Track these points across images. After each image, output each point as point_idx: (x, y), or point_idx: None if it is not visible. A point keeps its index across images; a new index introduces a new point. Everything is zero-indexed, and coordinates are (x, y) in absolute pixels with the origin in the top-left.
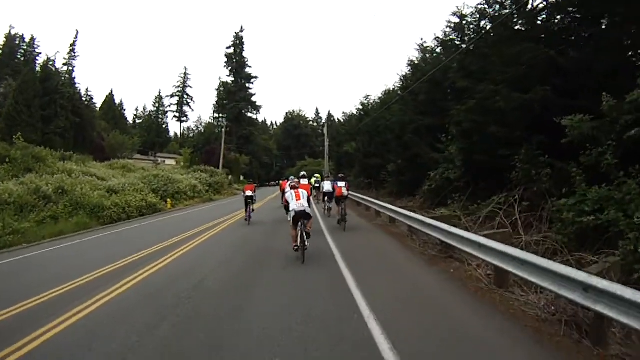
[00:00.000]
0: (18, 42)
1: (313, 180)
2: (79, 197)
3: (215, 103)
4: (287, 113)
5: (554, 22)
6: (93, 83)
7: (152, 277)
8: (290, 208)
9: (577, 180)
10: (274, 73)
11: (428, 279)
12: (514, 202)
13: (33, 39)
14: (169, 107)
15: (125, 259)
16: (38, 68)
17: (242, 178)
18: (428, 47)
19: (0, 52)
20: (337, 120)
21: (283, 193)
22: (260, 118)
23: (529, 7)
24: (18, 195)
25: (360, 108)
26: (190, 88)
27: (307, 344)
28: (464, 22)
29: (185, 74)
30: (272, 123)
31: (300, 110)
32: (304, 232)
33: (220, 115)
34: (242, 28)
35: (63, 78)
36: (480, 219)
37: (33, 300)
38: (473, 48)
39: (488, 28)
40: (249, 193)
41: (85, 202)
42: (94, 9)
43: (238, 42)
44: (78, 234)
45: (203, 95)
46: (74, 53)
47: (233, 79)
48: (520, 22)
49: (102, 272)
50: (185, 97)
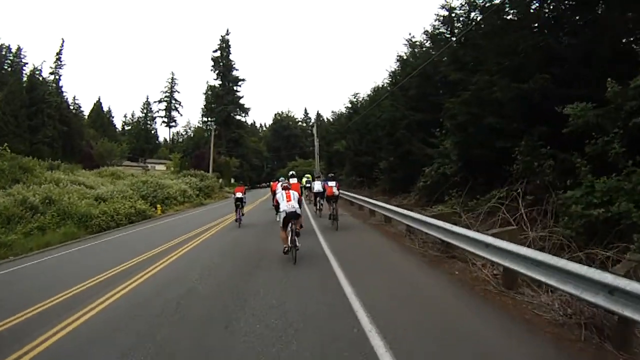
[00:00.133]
0: (4, 52)
1: (304, 181)
2: (67, 206)
3: (204, 107)
4: (275, 114)
5: (547, 10)
6: (80, 91)
7: (140, 286)
8: (281, 209)
9: (582, 171)
10: (262, 75)
11: (431, 282)
12: (517, 196)
13: (19, 49)
14: (157, 112)
15: (113, 269)
16: (25, 78)
17: (232, 181)
18: (417, 41)
19: None
20: (326, 120)
21: (274, 194)
22: (249, 120)
23: None
24: (5, 207)
25: (349, 106)
26: (178, 93)
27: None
28: (453, 14)
29: (173, 79)
30: (261, 125)
31: (289, 111)
32: (294, 234)
33: (209, 119)
34: (227, 31)
35: (50, 87)
36: (481, 215)
37: (20, 316)
38: (464, 40)
39: (479, 19)
40: (239, 195)
41: (73, 211)
42: (79, 17)
43: (224, 45)
44: (65, 245)
45: (191, 100)
46: (60, 62)
47: (220, 83)
48: (512, 11)
49: (87, 284)
50: (173, 102)
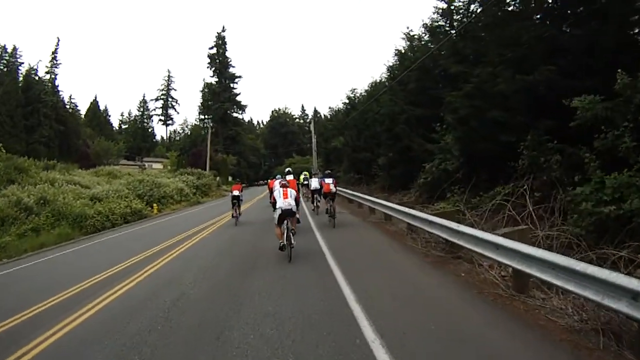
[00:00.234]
0: (0, 52)
1: (302, 178)
2: (61, 206)
3: (200, 105)
4: (272, 111)
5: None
6: (77, 90)
7: (130, 291)
8: (277, 206)
9: (591, 167)
10: (258, 72)
11: (436, 285)
12: (524, 192)
13: (15, 49)
14: (154, 110)
15: (104, 273)
16: (21, 78)
17: (230, 179)
18: (415, 35)
19: None
20: (323, 116)
21: (271, 192)
22: (246, 117)
23: None
24: None
25: (347, 102)
26: (175, 91)
27: None
28: (452, 7)
29: (169, 77)
30: (258, 122)
31: (286, 108)
32: (290, 232)
33: (206, 117)
34: (223, 28)
35: (46, 86)
36: (486, 213)
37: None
38: (464, 32)
39: (479, 10)
40: (236, 193)
41: (68, 211)
42: (75, 16)
43: (220, 42)
44: (60, 246)
45: (188, 98)
46: (56, 61)
47: (217, 80)
48: (513, 2)
49: (78, 289)
50: (170, 100)
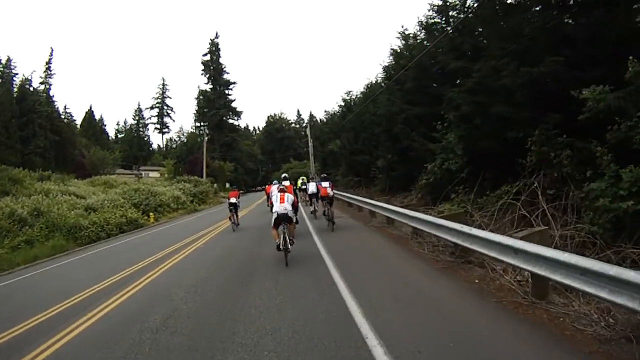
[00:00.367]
0: None
1: (299, 182)
2: (56, 218)
3: (196, 112)
4: (268, 117)
5: None
6: (72, 100)
7: (118, 308)
8: (273, 210)
9: (603, 161)
10: (253, 77)
11: (449, 294)
12: (536, 190)
13: (9, 60)
14: (150, 119)
15: (94, 287)
16: (16, 89)
17: (227, 185)
18: (410, 34)
19: None
20: (319, 120)
21: (268, 197)
22: (242, 124)
23: None
24: None
25: (343, 105)
26: (170, 99)
27: None
28: (448, 3)
29: (164, 85)
30: (254, 128)
31: (282, 113)
32: (287, 237)
33: (202, 124)
34: (217, 34)
35: (40, 97)
36: (496, 214)
37: None
38: (462, 27)
39: (475, 5)
40: (233, 200)
41: (62, 222)
42: (68, 26)
43: (214, 48)
44: (54, 258)
45: (183, 106)
46: (50, 71)
47: (211, 87)
48: None
49: (64, 305)
50: (165, 108)
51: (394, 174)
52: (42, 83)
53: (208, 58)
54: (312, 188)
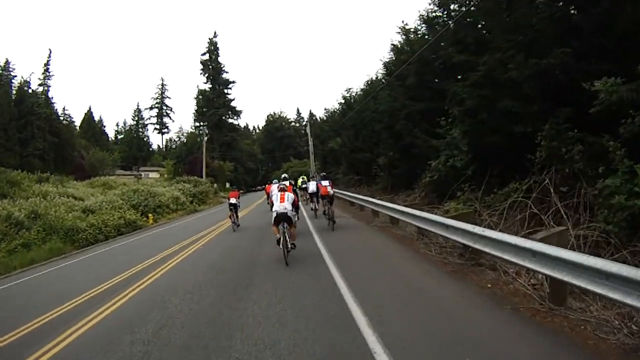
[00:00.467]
0: None
1: (300, 182)
2: (53, 220)
3: (195, 111)
4: (268, 116)
5: None
6: (71, 102)
7: (111, 316)
8: (273, 209)
9: (616, 156)
10: (252, 76)
11: (461, 300)
12: (548, 186)
13: (8, 62)
14: (149, 119)
15: (87, 293)
16: (14, 91)
17: (227, 185)
18: (411, 28)
19: None
20: (319, 119)
21: (269, 196)
22: (242, 123)
23: None
24: None
25: (342, 102)
26: (169, 99)
27: None
28: None
29: (163, 85)
30: (254, 127)
31: (281, 112)
32: (288, 240)
33: (201, 124)
34: (215, 33)
35: (39, 99)
36: (505, 212)
37: None
38: (465, 19)
39: None
40: (233, 200)
41: (59, 225)
42: (66, 27)
43: (212, 48)
44: (50, 262)
45: (183, 105)
46: (49, 73)
47: (211, 86)
48: None
49: (54, 314)
50: (165, 108)
51: (396, 172)
52: (40, 85)
53: (207, 57)
54: (312, 187)
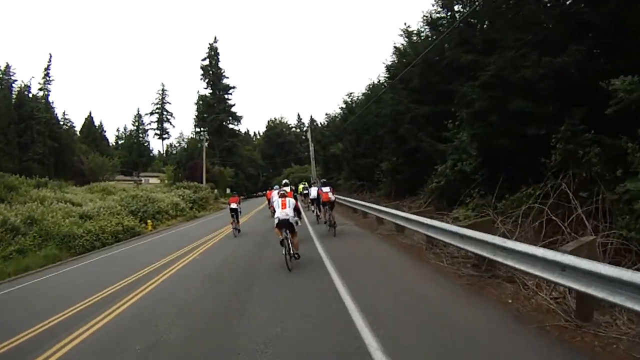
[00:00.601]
0: None
1: (301, 187)
2: (50, 226)
3: (196, 117)
4: (268, 121)
5: None
6: (71, 107)
7: (99, 332)
8: (275, 216)
9: (635, 158)
10: (252, 82)
11: (482, 320)
12: (566, 191)
13: (8, 66)
14: (149, 125)
15: (75, 307)
16: (14, 95)
17: (228, 191)
18: (413, 31)
19: None
20: (320, 124)
21: (269, 202)
22: (242, 129)
23: None
24: None
25: (344, 107)
26: (170, 104)
27: None
28: None
29: (163, 90)
30: (254, 133)
31: (282, 118)
32: (291, 247)
33: (202, 129)
34: (215, 39)
35: (39, 103)
36: (520, 219)
37: None
38: (472, 19)
39: None
40: (234, 206)
41: (56, 231)
42: (67, 32)
43: (213, 53)
44: (45, 269)
45: (183, 111)
46: (49, 77)
47: (211, 91)
48: None
49: (35, 331)
50: (165, 113)
51: (400, 177)
52: (40, 89)
53: (207, 63)
54: (313, 193)
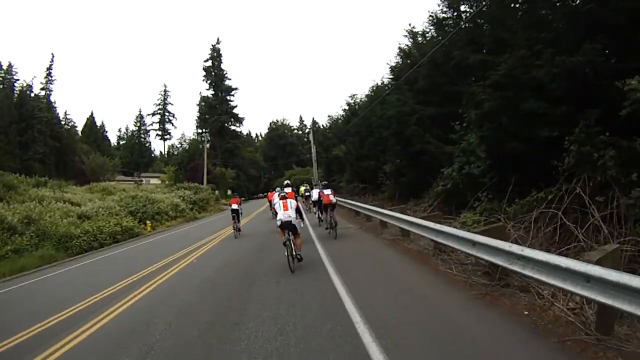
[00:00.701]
0: None
1: (302, 189)
2: (47, 226)
3: (197, 118)
4: (270, 123)
5: None
6: (73, 107)
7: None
8: (277, 218)
9: None
10: (255, 84)
11: (501, 336)
12: (581, 195)
13: (10, 66)
14: (151, 125)
15: (64, 312)
16: (16, 94)
17: (229, 192)
18: (418, 31)
19: None
20: (322, 126)
21: (271, 204)
22: (244, 130)
23: None
24: None
25: (347, 109)
26: (171, 105)
27: None
28: None
29: (165, 91)
30: (256, 135)
31: (284, 119)
32: (294, 248)
33: (204, 131)
34: (218, 40)
35: (41, 103)
36: (532, 225)
37: None
38: (480, 18)
39: None
40: (235, 206)
41: (53, 231)
42: (69, 32)
43: (215, 54)
44: (40, 270)
45: (185, 112)
46: (51, 77)
47: (213, 93)
48: None
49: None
50: (167, 114)
51: (403, 180)
52: (42, 89)
53: (209, 64)
54: (315, 195)
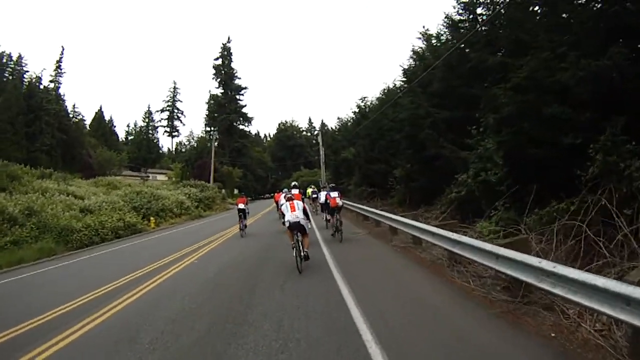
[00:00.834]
0: (5, 60)
1: (309, 191)
2: (48, 218)
3: (206, 116)
4: (279, 124)
5: None
6: (82, 100)
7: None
8: (285, 219)
9: None
10: (264, 84)
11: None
12: (609, 207)
13: (20, 57)
14: (160, 122)
15: (51, 312)
16: (25, 86)
17: (236, 192)
18: (432, 34)
19: None
20: (331, 128)
21: (277, 205)
22: (253, 130)
23: None
24: None
25: (357, 111)
26: (181, 102)
27: None
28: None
29: (175, 88)
30: (265, 135)
31: (293, 121)
32: (302, 250)
33: (212, 129)
34: (229, 39)
35: (49, 95)
36: (555, 237)
37: None
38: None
39: None
40: (242, 206)
41: (54, 224)
42: (80, 25)
43: (225, 53)
44: (38, 263)
45: (194, 109)
46: (60, 70)
47: (222, 91)
48: None
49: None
50: (176, 111)
51: (414, 185)
52: (52, 81)
53: (220, 62)
54: (322, 198)
